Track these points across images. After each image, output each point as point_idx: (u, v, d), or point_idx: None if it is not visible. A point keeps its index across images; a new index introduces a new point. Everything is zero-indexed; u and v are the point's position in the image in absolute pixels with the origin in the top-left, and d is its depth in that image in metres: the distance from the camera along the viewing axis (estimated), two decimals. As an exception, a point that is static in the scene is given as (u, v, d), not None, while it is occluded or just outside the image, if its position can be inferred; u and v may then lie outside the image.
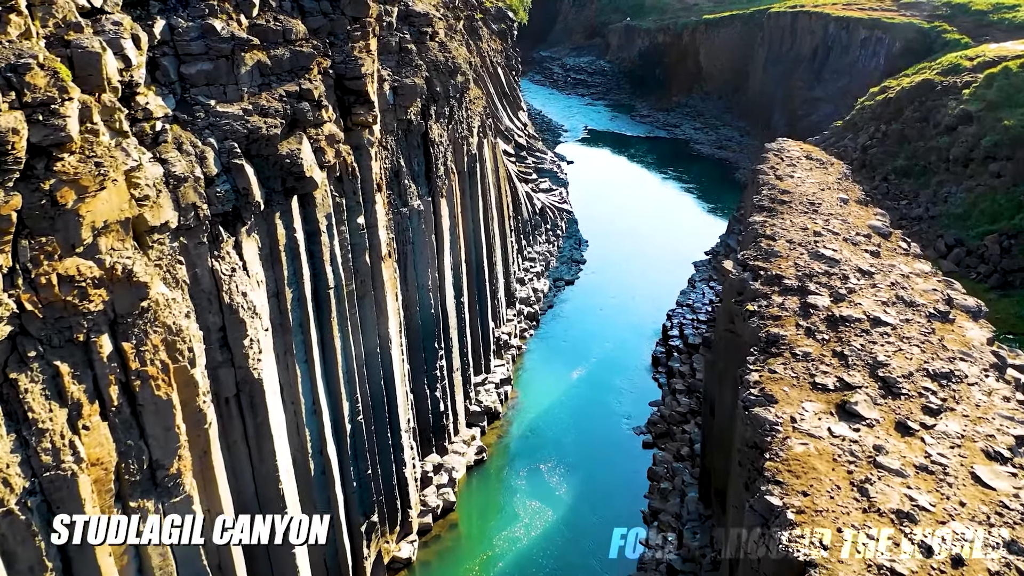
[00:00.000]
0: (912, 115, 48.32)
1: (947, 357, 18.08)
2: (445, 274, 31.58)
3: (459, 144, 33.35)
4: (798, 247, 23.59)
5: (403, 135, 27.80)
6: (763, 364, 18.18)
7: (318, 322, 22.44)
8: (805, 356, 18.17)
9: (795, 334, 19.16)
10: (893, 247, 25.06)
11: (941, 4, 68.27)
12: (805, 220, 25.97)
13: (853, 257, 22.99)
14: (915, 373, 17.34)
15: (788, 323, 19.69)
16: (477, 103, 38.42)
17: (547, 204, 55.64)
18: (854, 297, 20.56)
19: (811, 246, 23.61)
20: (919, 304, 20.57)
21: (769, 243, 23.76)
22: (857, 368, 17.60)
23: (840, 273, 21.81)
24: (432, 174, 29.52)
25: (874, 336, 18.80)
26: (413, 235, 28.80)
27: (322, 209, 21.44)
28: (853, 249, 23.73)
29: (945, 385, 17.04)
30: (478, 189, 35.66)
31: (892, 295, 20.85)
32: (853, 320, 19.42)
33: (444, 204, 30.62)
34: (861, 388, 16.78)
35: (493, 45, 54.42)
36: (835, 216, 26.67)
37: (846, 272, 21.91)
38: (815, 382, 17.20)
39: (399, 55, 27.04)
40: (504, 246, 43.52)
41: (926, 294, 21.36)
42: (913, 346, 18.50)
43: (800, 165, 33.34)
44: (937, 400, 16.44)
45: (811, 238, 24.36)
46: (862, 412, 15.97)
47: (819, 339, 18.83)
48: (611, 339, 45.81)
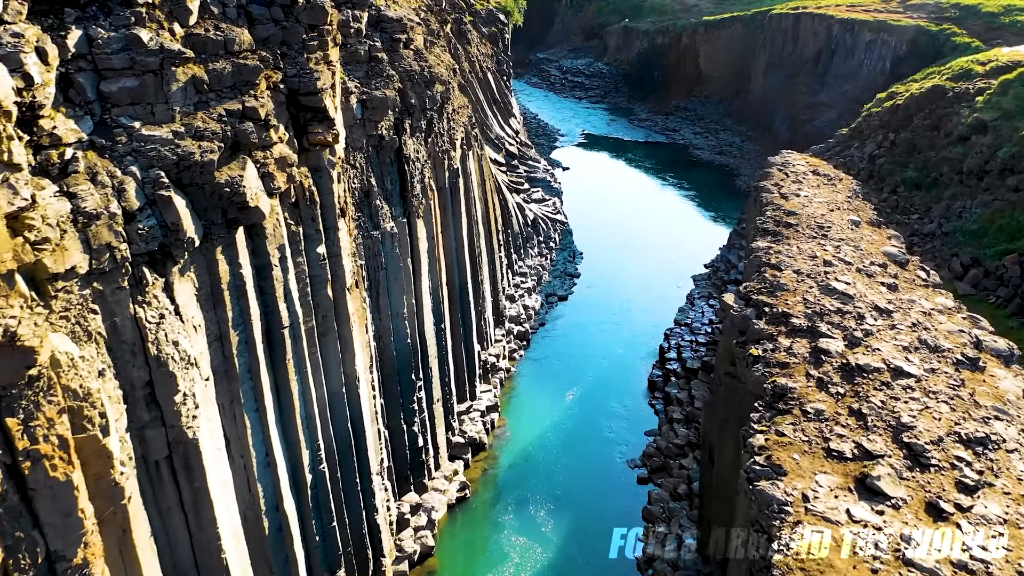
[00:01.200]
0: (922, 123, 45.99)
1: (981, 417, 15.77)
2: (423, 299, 29.26)
3: (439, 159, 31.02)
4: (807, 279, 21.27)
5: (374, 152, 25.48)
6: (769, 423, 15.85)
7: (271, 365, 20.12)
8: (818, 415, 15.84)
9: (805, 386, 16.84)
10: (911, 277, 22.74)
11: (949, 6, 65.92)
12: (814, 246, 23.64)
13: (868, 292, 20.67)
14: (945, 438, 15.02)
15: (797, 372, 17.36)
16: (461, 113, 36.10)
17: (540, 215, 53.31)
18: (871, 341, 18.25)
19: (821, 278, 21.29)
20: (944, 349, 18.26)
21: (774, 274, 21.45)
22: (878, 431, 15.28)
23: (854, 311, 19.50)
24: (407, 193, 27.20)
25: (896, 390, 16.48)
26: (386, 260, 26.48)
27: (273, 240, 19.11)
28: (868, 282, 21.41)
29: (981, 453, 14.73)
30: (461, 205, 33.33)
31: (914, 338, 18.54)
32: (871, 370, 17.10)
33: (421, 225, 28.29)
34: (884, 457, 14.45)
35: (483, 49, 52.09)
36: (846, 241, 24.34)
37: (861, 310, 19.59)
38: (830, 448, 14.87)
39: (369, 65, 24.72)
40: (492, 262, 41.20)
41: (951, 336, 19.05)
42: (941, 402, 16.19)
43: (806, 182, 31.03)
44: (973, 473, 14.13)
45: (821, 268, 22.04)
46: (886, 489, 13.64)
47: (833, 393, 16.51)
48: (606, 359, 43.51)
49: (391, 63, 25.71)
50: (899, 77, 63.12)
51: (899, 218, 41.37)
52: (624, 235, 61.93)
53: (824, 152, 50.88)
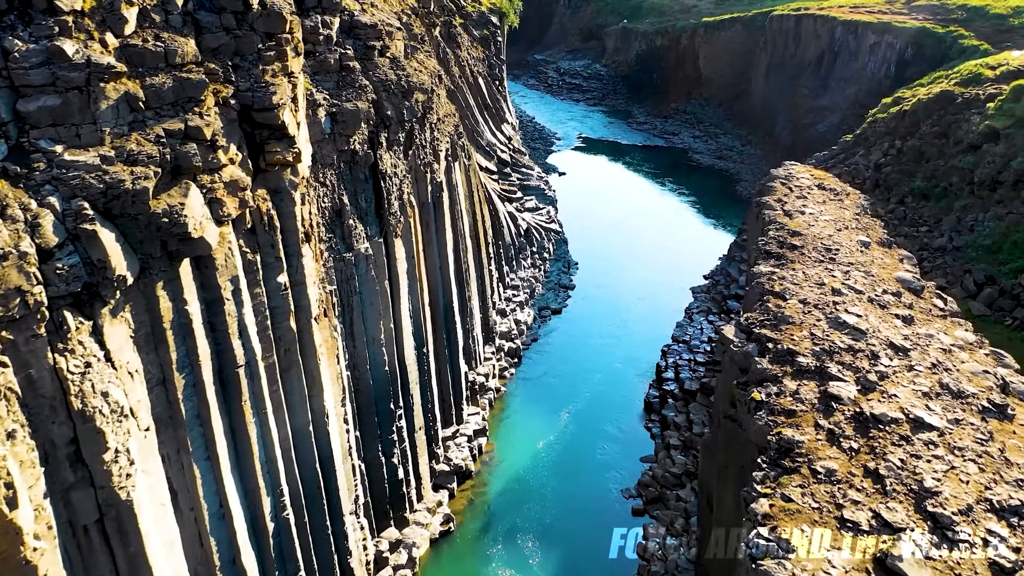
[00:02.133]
0: (930, 130, 44.15)
1: (1014, 479, 13.96)
2: (403, 323, 27.43)
3: (421, 172, 29.19)
4: (814, 310, 19.47)
5: (347, 168, 23.65)
6: (774, 484, 14.02)
7: (225, 408, 18.31)
8: (829, 475, 14.02)
9: (814, 439, 15.02)
10: (927, 307, 20.93)
11: (956, 7, 64.06)
12: (821, 272, 21.83)
13: (882, 326, 18.87)
14: (975, 506, 13.21)
15: (805, 422, 15.55)
16: (447, 122, 34.26)
17: (533, 225, 51.48)
18: (887, 385, 16.44)
19: (830, 309, 19.49)
20: (968, 394, 16.46)
21: (778, 304, 19.65)
22: (898, 496, 13.46)
23: (867, 349, 17.70)
24: (384, 211, 25.37)
25: (917, 446, 14.66)
26: (361, 284, 24.65)
27: (225, 272, 17.28)
28: (881, 314, 19.60)
29: (1016, 525, 12.91)
30: (446, 220, 31.50)
31: (934, 382, 16.73)
32: (888, 421, 15.29)
33: (400, 244, 26.46)
34: (906, 531, 12.63)
35: (474, 53, 50.25)
36: (856, 266, 22.52)
37: (875, 347, 17.79)
38: (844, 518, 13.05)
39: (339, 75, 22.88)
40: (481, 277, 39.37)
41: (975, 378, 17.26)
42: (968, 461, 14.37)
43: (812, 197, 29.21)
44: (1008, 552, 12.32)
45: (829, 297, 20.22)
46: (910, 573, 11.82)
47: (846, 448, 14.70)
48: (600, 377, 41.69)
49: (365, 72, 23.87)
50: (904, 81, 61.32)
51: (907, 230, 39.55)
52: (621, 244, 60.11)
53: (828, 160, 49.03)
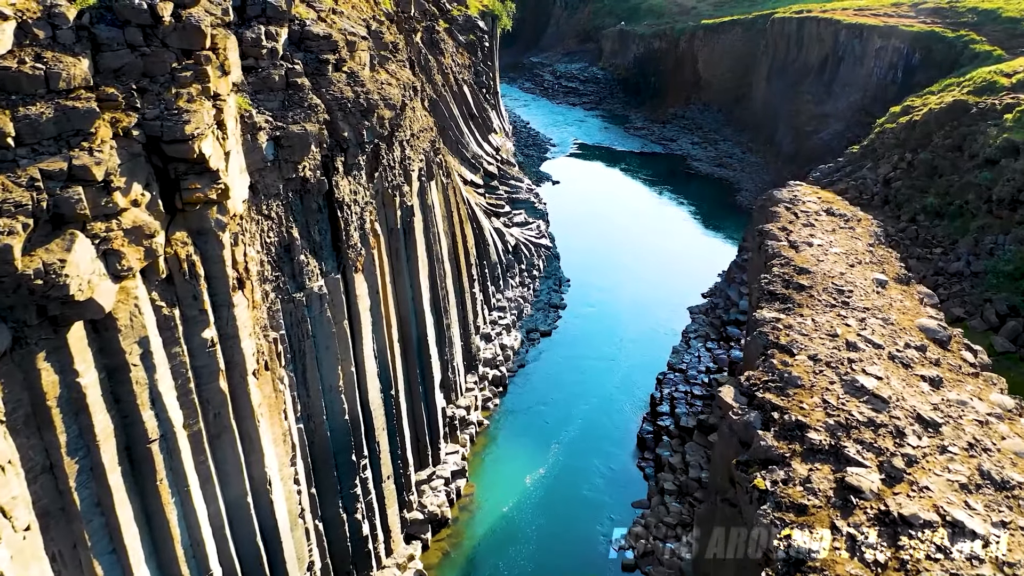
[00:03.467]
0: (943, 142, 41.44)
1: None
2: (366, 365, 24.74)
3: (389, 196, 26.51)
4: (827, 369, 16.83)
5: (296, 198, 20.96)
6: (783, 611, 11.33)
7: (137, 489, 15.62)
8: (850, 601, 11.36)
9: (831, 548, 12.35)
10: (955, 362, 18.30)
11: (965, 10, 61.37)
12: (833, 319, 19.18)
13: (907, 391, 16.23)
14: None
15: (819, 522, 12.90)
16: (422, 137, 31.57)
17: (522, 240, 48.78)
18: (917, 474, 13.79)
19: (845, 369, 16.85)
20: (1014, 485, 13.83)
21: (784, 360, 17.01)
22: (937, 635, 10.82)
23: (891, 424, 15.05)
24: (342, 244, 22.68)
25: (957, 560, 12.01)
26: (314, 327, 21.95)
27: (131, 334, 14.58)
28: (904, 375, 16.96)
29: None
30: (418, 246, 28.81)
31: (973, 468, 14.10)
32: (920, 524, 12.64)
33: (361, 279, 23.77)
34: None
35: (459, 59, 47.54)
36: (873, 312, 19.86)
37: (899, 421, 15.14)
38: (870, 665, 10.37)
39: (286, 93, 20.20)
40: (462, 303, 36.68)
41: (1020, 460, 14.60)
42: (1020, 580, 11.73)
43: (819, 224, 26.53)
44: None
45: (844, 353, 17.58)
46: None
47: (870, 562, 12.04)
48: (591, 408, 39.02)
49: (316, 89, 21.17)
50: (912, 87, 58.64)
51: (920, 252, 36.84)
52: (615, 257, 57.43)
53: (833, 172, 46.34)
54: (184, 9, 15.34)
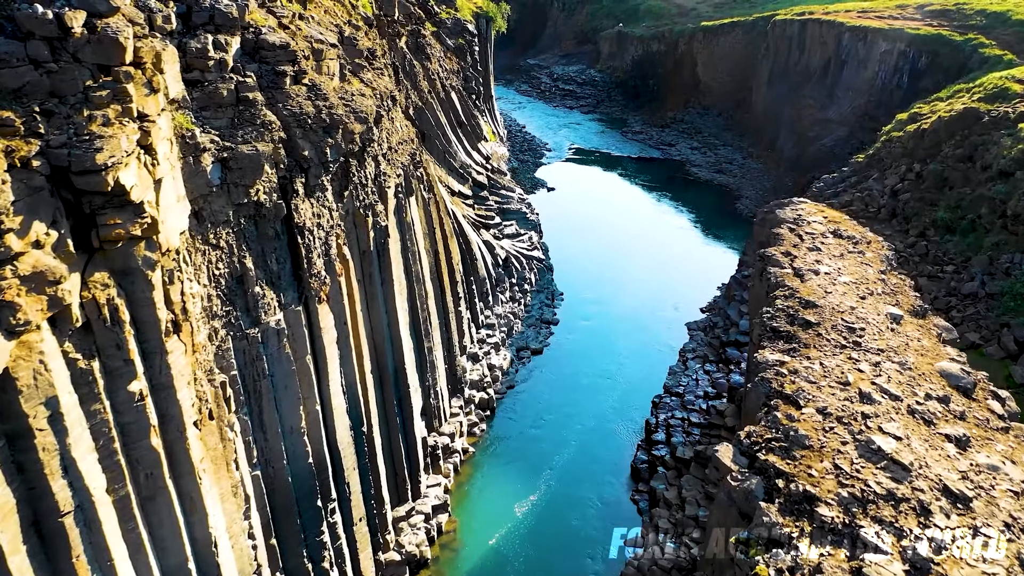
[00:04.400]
0: (953, 152, 39.45)
1: None
2: (333, 401, 22.76)
3: (360, 216, 24.54)
4: (838, 426, 14.88)
5: (250, 224, 18.99)
6: None
7: (49, 567, 13.64)
8: None
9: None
10: (983, 415, 16.34)
11: (974, 12, 59.39)
12: (844, 363, 17.21)
13: (930, 455, 14.27)
14: None
15: (833, 625, 10.92)
16: (400, 151, 29.61)
17: (513, 253, 46.78)
18: (947, 564, 11.80)
19: (859, 426, 14.89)
20: (1061, 576, 11.88)
21: (790, 414, 15.05)
22: None
23: (914, 498, 13.09)
24: (303, 272, 20.69)
25: None
26: (271, 364, 19.97)
27: (35, 395, 12.60)
28: (927, 435, 14.99)
29: None
30: (393, 269, 26.83)
31: (1011, 556, 12.13)
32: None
33: (326, 309, 21.78)
34: None
35: (447, 64, 45.56)
36: (888, 354, 17.89)
37: (923, 495, 13.18)
38: None
39: (236, 109, 18.22)
40: (446, 324, 34.69)
41: (1065, 543, 12.66)
42: None
43: (826, 248, 24.54)
44: None
45: (857, 406, 15.61)
46: None
47: None
48: (583, 432, 37.07)
49: (271, 104, 19.20)
50: (918, 92, 56.69)
51: (930, 270, 34.84)
52: (611, 268, 55.46)
53: (838, 182, 44.35)
54: (100, 19, 13.36)
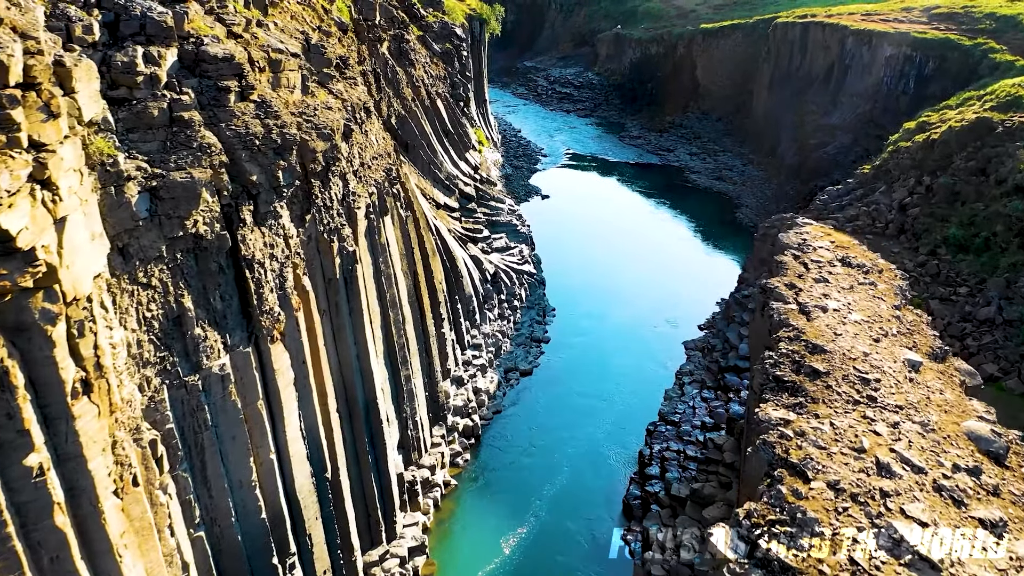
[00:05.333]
0: (965, 165, 37.36)
1: None
2: (290, 448, 20.68)
3: (325, 242, 22.44)
4: (853, 506, 12.81)
5: (188, 259, 16.89)
6: None
7: None
8: None
9: None
10: (1019, 488, 14.26)
11: (983, 16, 57.30)
12: (857, 423, 15.12)
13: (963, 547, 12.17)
14: None
15: None
16: (374, 166, 27.53)
17: (502, 267, 44.69)
18: None
19: (877, 507, 12.82)
20: None
21: (796, 489, 12.98)
22: None
23: (947, 607, 11.01)
24: (253, 310, 18.59)
25: None
26: (215, 414, 17.88)
27: None
28: (958, 518, 12.91)
29: None
30: (362, 298, 24.73)
31: None
32: None
33: (281, 349, 19.69)
34: None
35: (433, 71, 43.47)
36: (908, 412, 15.79)
37: (958, 600, 11.10)
38: None
39: (169, 131, 16.13)
40: (426, 348, 32.60)
41: None
42: None
43: (834, 279, 22.44)
44: None
45: (874, 481, 13.53)
46: None
47: None
48: (573, 461, 34.98)
49: (212, 124, 17.11)
50: (925, 99, 54.63)
51: (942, 291, 32.74)
52: (606, 282, 53.36)
53: (843, 196, 42.26)
54: (-21, 32, 11.29)
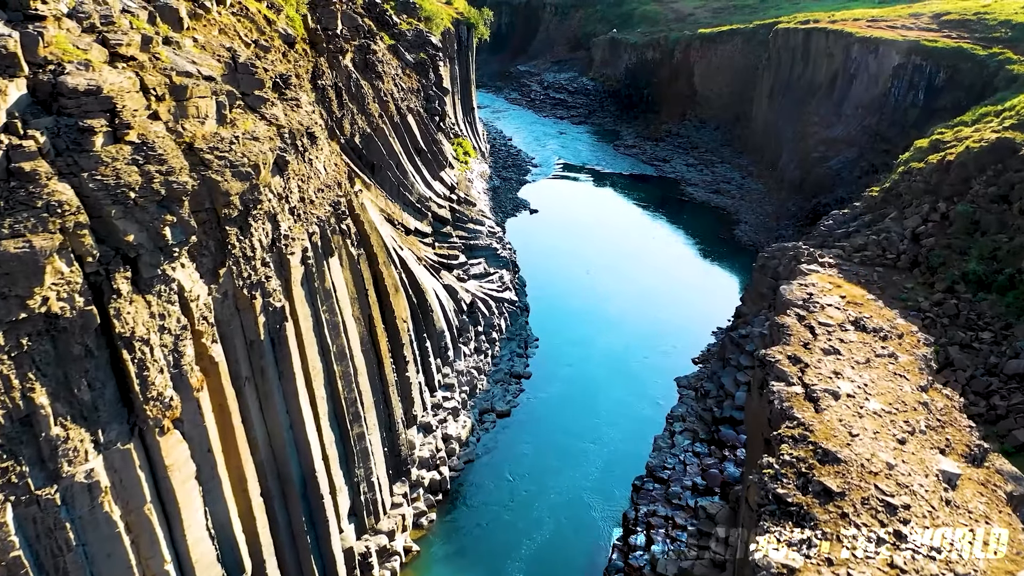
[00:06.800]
0: (985, 191, 33.91)
1: None
2: (192, 553, 17.19)
3: (245, 299, 18.99)
4: None
5: (43, 343, 13.46)
6: None
7: None
8: None
9: None
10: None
11: (997, 23, 53.87)
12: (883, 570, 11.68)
13: None
14: None
15: None
16: (320, 200, 24.07)
17: (479, 296, 41.24)
18: None
19: None
20: None
21: None
22: None
23: None
24: (135, 397, 15.14)
25: None
26: (81, 531, 14.42)
27: None
28: None
29: None
30: (294, 359, 21.24)
31: None
32: None
33: (175, 440, 16.23)
34: None
35: (405, 83, 40.01)
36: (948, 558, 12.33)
37: None
38: None
39: (5, 186, 12.69)
40: (385, 401, 29.14)
41: None
42: None
43: (846, 349, 19.00)
44: None
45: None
46: None
47: None
48: (553, 516, 31.56)
49: (69, 175, 13.65)
50: (936, 111, 51.23)
51: (962, 336, 29.29)
52: (595, 304, 49.91)
53: (849, 221, 38.83)
54: None
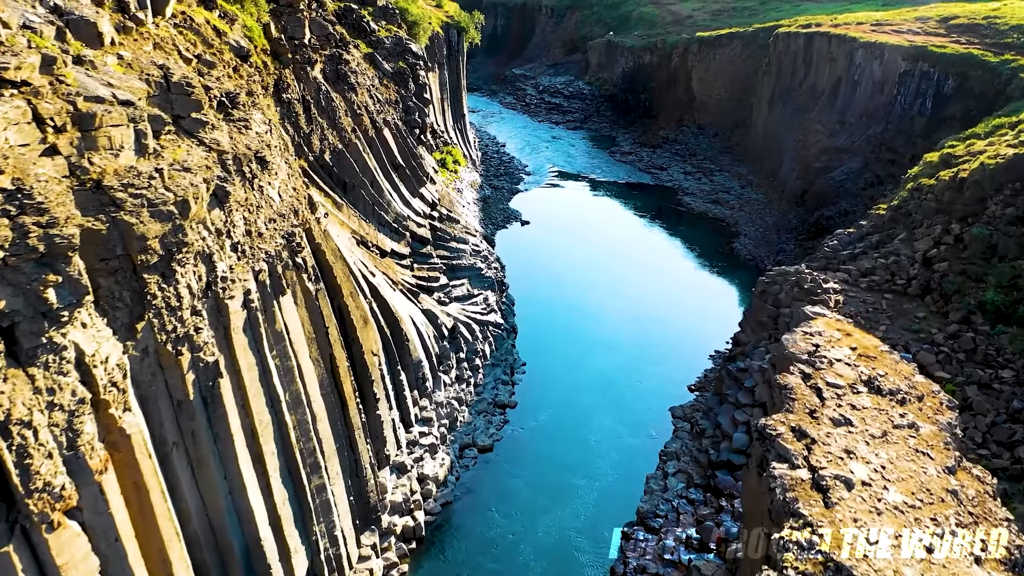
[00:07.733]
0: (1002, 212, 31.48)
1: None
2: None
3: (169, 357, 16.56)
4: None
5: None
6: None
7: None
8: None
9: None
10: None
11: (1009, 28, 51.44)
12: None
13: None
14: None
15: None
16: (269, 232, 21.66)
17: (461, 320, 38.80)
18: None
19: None
20: None
21: None
22: None
23: None
24: (15, 488, 12.70)
25: None
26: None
27: None
28: None
29: None
30: (231, 420, 18.81)
31: None
32: None
33: (69, 536, 13.78)
34: None
35: (382, 94, 37.58)
36: None
37: None
38: None
39: None
40: (351, 444, 26.70)
41: None
42: None
43: (859, 418, 16.55)
44: None
45: None
46: None
47: None
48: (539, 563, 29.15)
49: (-86, 235, 11.19)
50: (945, 121, 48.82)
51: (980, 375, 26.85)
52: (584, 327, 47.52)
53: (855, 241, 36.39)
54: None
